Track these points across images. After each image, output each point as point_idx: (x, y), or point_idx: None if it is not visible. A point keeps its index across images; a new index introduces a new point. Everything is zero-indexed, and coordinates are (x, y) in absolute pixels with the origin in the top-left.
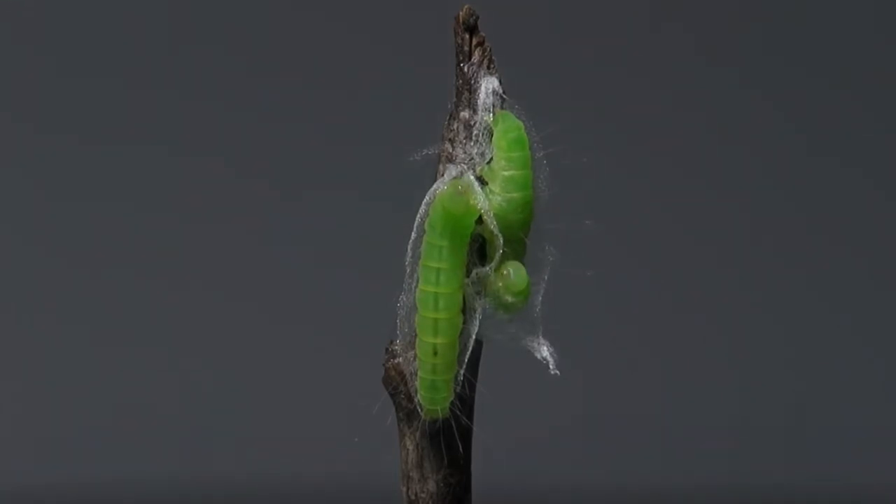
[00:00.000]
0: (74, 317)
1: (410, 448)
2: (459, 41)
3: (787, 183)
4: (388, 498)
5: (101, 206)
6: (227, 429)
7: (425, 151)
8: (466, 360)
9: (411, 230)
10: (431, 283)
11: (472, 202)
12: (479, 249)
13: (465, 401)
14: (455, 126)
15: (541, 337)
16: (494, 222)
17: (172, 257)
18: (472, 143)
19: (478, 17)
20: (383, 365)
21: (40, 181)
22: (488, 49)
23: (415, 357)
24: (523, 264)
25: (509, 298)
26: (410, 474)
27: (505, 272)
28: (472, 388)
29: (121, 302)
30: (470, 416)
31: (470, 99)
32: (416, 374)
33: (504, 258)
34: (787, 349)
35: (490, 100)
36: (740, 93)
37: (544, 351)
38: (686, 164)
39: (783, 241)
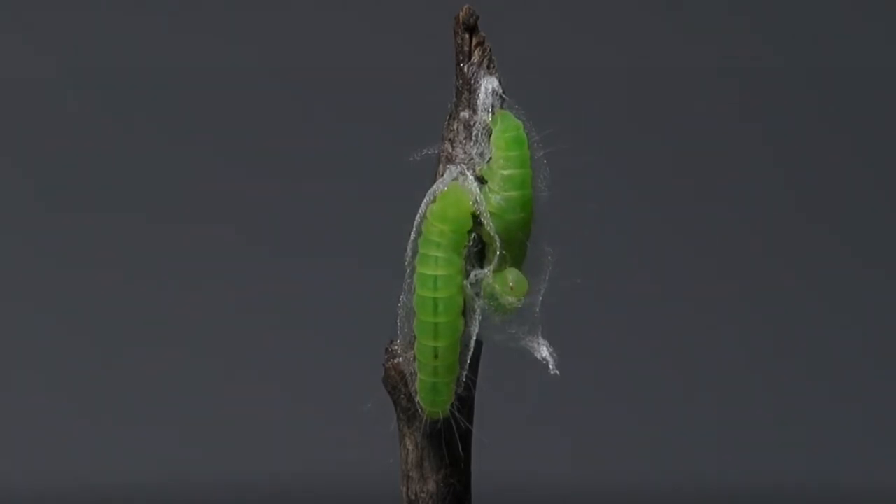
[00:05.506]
0: (74, 318)
1: (410, 448)
2: (459, 41)
3: (791, 186)
4: (389, 498)
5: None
6: (227, 429)
7: (425, 151)
8: (468, 361)
9: (411, 230)
10: (429, 288)
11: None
12: (479, 253)
13: (465, 401)
14: (455, 126)
15: (541, 337)
16: (492, 224)
17: (174, 255)
18: (471, 143)
19: (478, 17)
20: (383, 365)
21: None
22: (488, 49)
23: (414, 358)
24: (520, 268)
25: (509, 299)
26: (410, 474)
27: (508, 279)
28: (473, 388)
29: (121, 302)
30: (470, 417)
31: (470, 99)
32: (416, 375)
33: (503, 260)
34: (786, 348)
35: (490, 100)
36: (747, 93)
37: (544, 351)
38: (687, 165)
39: (783, 241)
